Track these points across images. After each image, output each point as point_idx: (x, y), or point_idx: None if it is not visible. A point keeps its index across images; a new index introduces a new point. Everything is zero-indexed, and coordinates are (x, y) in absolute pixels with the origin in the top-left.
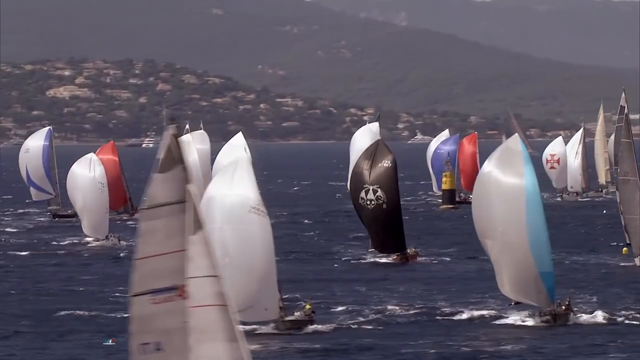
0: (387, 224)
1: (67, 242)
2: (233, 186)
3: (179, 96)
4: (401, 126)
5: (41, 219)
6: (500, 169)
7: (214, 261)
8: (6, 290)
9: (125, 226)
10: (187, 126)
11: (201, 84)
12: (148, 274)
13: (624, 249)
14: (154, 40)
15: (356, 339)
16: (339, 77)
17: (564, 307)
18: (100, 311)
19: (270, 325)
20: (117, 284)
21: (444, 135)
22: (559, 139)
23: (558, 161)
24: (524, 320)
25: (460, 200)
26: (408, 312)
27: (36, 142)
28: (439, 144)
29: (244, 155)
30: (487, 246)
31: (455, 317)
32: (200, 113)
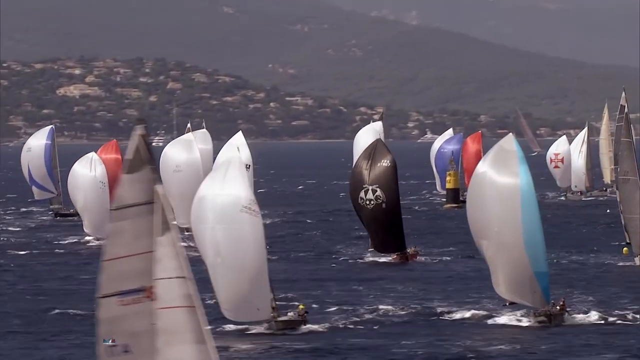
0: (386, 224)
1: (68, 241)
2: (224, 186)
3: (189, 95)
4: (411, 125)
5: (44, 218)
6: (494, 169)
7: (182, 262)
8: (3, 289)
9: None
10: (189, 125)
11: (211, 82)
12: (116, 276)
13: (624, 248)
14: (164, 39)
15: (349, 338)
16: (349, 76)
17: (558, 307)
18: (95, 311)
19: (263, 326)
20: None
21: (448, 134)
22: (563, 138)
23: (562, 160)
24: (519, 320)
25: (465, 199)
26: (403, 312)
27: (38, 140)
28: (442, 143)
29: (236, 154)
30: (482, 246)
31: (450, 316)
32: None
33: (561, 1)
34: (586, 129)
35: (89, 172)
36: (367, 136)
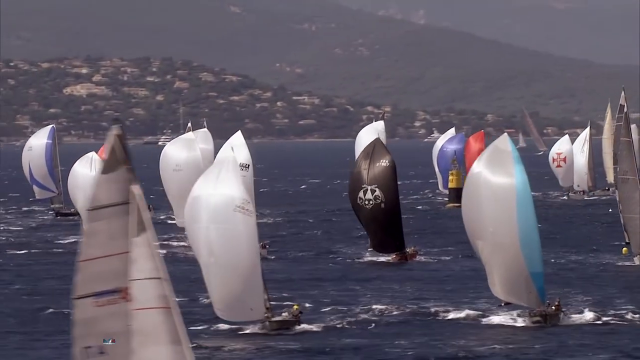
0: (385, 224)
1: (68, 241)
2: (218, 185)
3: (196, 94)
4: (418, 124)
5: (45, 217)
6: (489, 169)
7: (157, 263)
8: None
9: None
10: (189, 124)
11: (218, 81)
12: (91, 277)
13: (624, 248)
14: (171, 38)
15: (343, 339)
16: (356, 75)
17: (554, 308)
18: None
19: (257, 326)
20: None
21: (450, 133)
22: (566, 137)
23: (564, 160)
24: (514, 320)
25: None
26: (398, 312)
27: (39, 140)
28: (444, 142)
29: (230, 154)
30: (478, 247)
31: (446, 316)
32: (217, 111)
33: (569, 1)
34: (588, 128)
35: (89, 172)
36: (368, 135)
